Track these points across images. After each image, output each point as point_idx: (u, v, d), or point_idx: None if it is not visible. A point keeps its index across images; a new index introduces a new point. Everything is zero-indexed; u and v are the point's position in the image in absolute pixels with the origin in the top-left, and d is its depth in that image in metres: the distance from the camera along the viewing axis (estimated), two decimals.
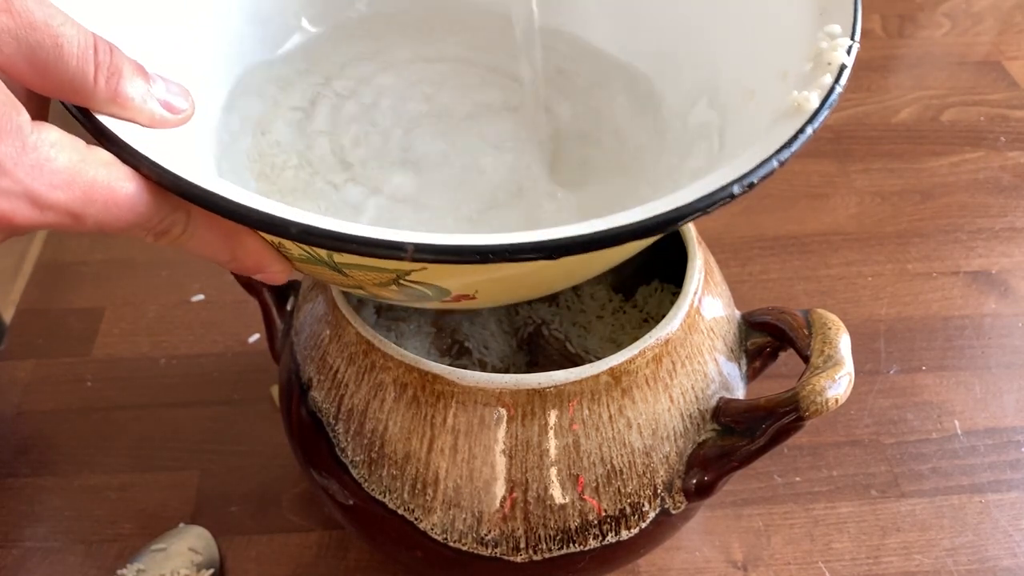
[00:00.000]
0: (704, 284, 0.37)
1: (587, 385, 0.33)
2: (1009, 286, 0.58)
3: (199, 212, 0.26)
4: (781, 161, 0.26)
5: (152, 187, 0.25)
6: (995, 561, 0.44)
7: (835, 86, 0.29)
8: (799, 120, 0.28)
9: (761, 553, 0.45)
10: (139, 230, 0.26)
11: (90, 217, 0.24)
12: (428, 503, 0.34)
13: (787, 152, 0.27)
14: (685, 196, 0.26)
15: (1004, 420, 0.51)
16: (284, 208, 0.24)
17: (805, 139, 0.27)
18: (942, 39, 0.80)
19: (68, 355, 0.54)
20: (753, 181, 0.26)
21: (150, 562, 0.43)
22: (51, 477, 0.48)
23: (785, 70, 0.31)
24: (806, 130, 0.27)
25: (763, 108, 0.31)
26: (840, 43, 0.30)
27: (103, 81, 0.25)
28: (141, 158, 0.25)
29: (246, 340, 0.54)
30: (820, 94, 0.28)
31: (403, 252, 0.23)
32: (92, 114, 0.25)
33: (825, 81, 0.29)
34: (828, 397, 0.31)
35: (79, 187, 0.24)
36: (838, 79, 0.29)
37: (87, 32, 0.24)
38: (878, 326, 0.56)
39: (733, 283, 0.42)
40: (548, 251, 0.24)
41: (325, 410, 0.36)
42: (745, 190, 0.26)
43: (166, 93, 0.28)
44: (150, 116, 0.27)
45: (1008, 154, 0.68)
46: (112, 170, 0.24)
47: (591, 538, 0.34)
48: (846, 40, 0.30)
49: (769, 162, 0.26)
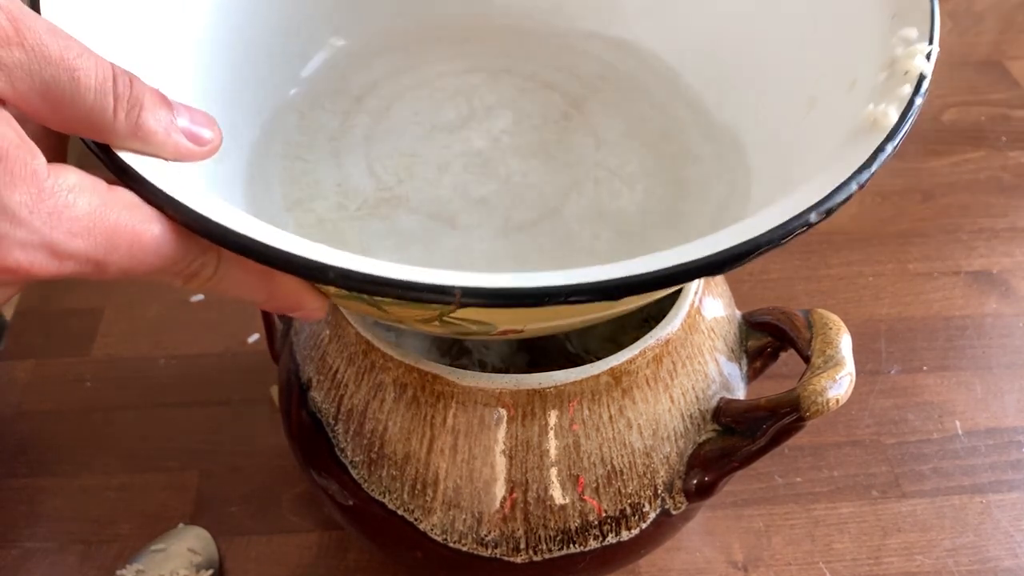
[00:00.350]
0: (704, 284, 0.36)
1: (587, 385, 0.32)
2: (1010, 286, 0.58)
3: (231, 253, 0.24)
4: (861, 184, 0.24)
5: (179, 228, 0.24)
6: (996, 562, 0.44)
7: (915, 98, 0.26)
8: (877, 137, 0.25)
9: (762, 553, 0.45)
10: (167, 275, 0.24)
11: (113, 264, 0.23)
12: (428, 503, 0.33)
13: (866, 173, 0.24)
14: (757, 226, 0.23)
15: (1005, 420, 0.50)
16: (320, 250, 0.22)
17: (885, 159, 0.25)
18: (943, 39, 0.79)
19: (67, 355, 0.54)
20: (831, 207, 0.23)
21: (149, 563, 0.43)
22: (50, 477, 0.48)
23: (853, 78, 0.29)
24: (886, 148, 0.25)
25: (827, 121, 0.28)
26: (918, 48, 0.27)
27: (123, 114, 0.24)
28: (166, 198, 0.23)
29: (245, 340, 0.54)
30: (899, 107, 0.26)
31: (451, 297, 0.22)
32: (113, 151, 0.24)
33: (904, 92, 0.26)
34: (829, 397, 0.31)
35: (101, 233, 0.22)
36: (917, 89, 0.26)
37: (105, 63, 0.23)
38: (879, 326, 0.56)
39: (733, 283, 0.42)
40: (608, 292, 0.22)
41: (325, 410, 0.35)
42: (823, 217, 0.23)
43: (191, 124, 0.26)
44: (175, 149, 0.25)
45: (1009, 154, 0.68)
46: (136, 213, 0.23)
47: (591, 539, 0.34)
48: (924, 45, 0.27)
49: (847, 185, 0.24)
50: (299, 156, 0.35)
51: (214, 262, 0.25)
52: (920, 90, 0.26)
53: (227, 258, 0.25)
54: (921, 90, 0.26)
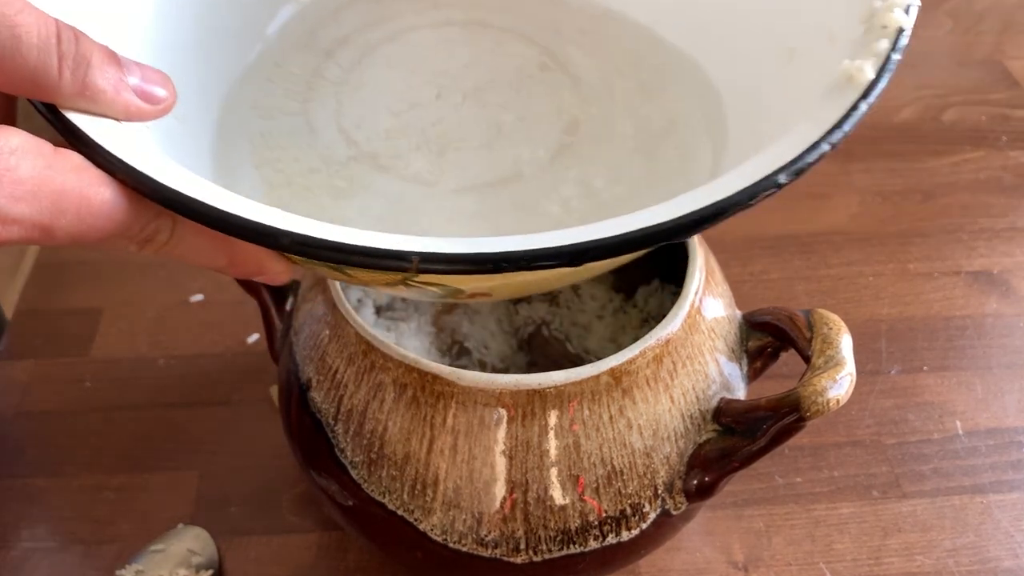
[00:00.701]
0: (705, 284, 0.36)
1: (587, 385, 0.32)
2: (1011, 286, 0.58)
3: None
4: (833, 144, 0.23)
5: (131, 192, 0.23)
6: (996, 562, 0.44)
7: (892, 54, 0.25)
8: (852, 94, 0.24)
9: (762, 554, 0.45)
10: (119, 240, 0.24)
11: (61, 230, 0.22)
12: (428, 504, 0.33)
13: (839, 133, 0.23)
14: (723, 188, 0.22)
15: (1006, 420, 0.50)
16: (277, 216, 0.22)
17: (859, 117, 0.24)
18: (944, 38, 0.80)
19: (67, 355, 0.54)
20: (801, 168, 0.23)
21: (149, 563, 0.43)
22: (50, 477, 0.48)
23: (832, 31, 0.27)
24: (860, 107, 0.24)
25: (805, 74, 0.27)
26: (896, 1, 0.26)
27: (69, 73, 0.23)
28: (115, 161, 0.22)
29: (245, 340, 0.54)
30: (876, 63, 0.25)
31: (408, 264, 0.21)
32: (59, 110, 0.23)
33: (881, 47, 0.25)
34: (829, 397, 0.31)
35: (46, 197, 0.21)
36: (895, 45, 0.25)
37: (49, 19, 0.22)
38: (879, 326, 0.55)
39: (734, 283, 0.42)
40: (568, 257, 0.21)
41: (324, 410, 0.35)
42: (792, 179, 0.23)
43: (142, 82, 0.25)
44: (125, 108, 0.24)
45: (1010, 154, 0.68)
46: (84, 176, 0.22)
47: (591, 539, 0.34)
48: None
49: (819, 146, 0.23)
50: (268, 114, 0.34)
51: (169, 227, 0.24)
52: (898, 45, 0.25)
53: (183, 223, 0.24)
54: (899, 45, 0.25)
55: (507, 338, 0.44)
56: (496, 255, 0.21)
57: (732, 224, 0.66)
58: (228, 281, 0.43)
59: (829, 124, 0.23)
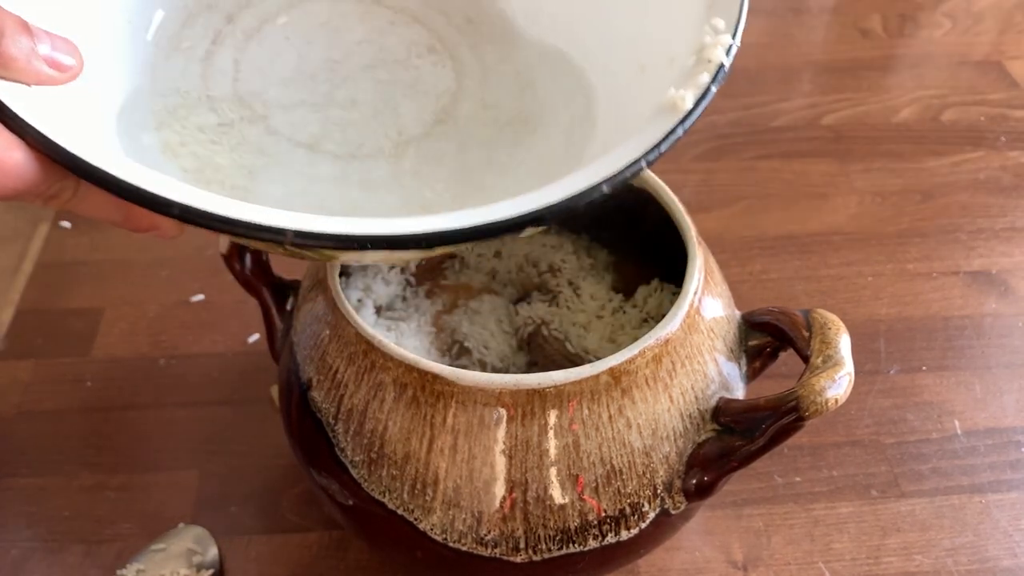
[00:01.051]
0: (704, 284, 0.37)
1: (587, 385, 0.33)
2: (1009, 286, 0.58)
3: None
4: (649, 162, 0.27)
5: (40, 155, 0.25)
6: (995, 561, 0.44)
7: (711, 87, 0.28)
8: (672, 120, 0.28)
9: (761, 553, 0.45)
10: (27, 197, 0.25)
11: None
12: (428, 503, 0.34)
13: (655, 153, 0.27)
14: (557, 192, 0.26)
15: (1004, 420, 0.51)
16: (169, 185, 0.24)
17: (675, 140, 0.27)
18: (942, 39, 0.80)
19: (68, 355, 0.54)
20: (622, 180, 0.27)
21: (150, 562, 0.43)
22: (51, 477, 0.48)
23: (672, 56, 0.31)
24: (677, 131, 0.27)
25: (649, 91, 0.30)
26: (722, 40, 0.30)
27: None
28: (26, 127, 0.24)
29: (246, 340, 0.54)
30: (695, 94, 0.28)
31: (283, 237, 0.25)
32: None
33: (702, 80, 0.28)
34: (828, 397, 0.31)
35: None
36: (715, 78, 0.29)
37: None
38: (878, 326, 0.56)
39: (733, 283, 0.42)
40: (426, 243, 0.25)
41: (325, 410, 0.36)
42: (614, 188, 0.27)
43: (52, 50, 0.27)
44: (36, 76, 0.26)
45: (1008, 154, 0.68)
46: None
47: (591, 538, 0.34)
48: (727, 38, 0.30)
49: (638, 163, 0.27)
50: (169, 77, 0.36)
51: (73, 187, 0.26)
52: (717, 79, 0.28)
53: (86, 184, 0.26)
54: (718, 79, 0.28)
55: (507, 338, 0.44)
56: (362, 237, 0.25)
57: (731, 224, 0.66)
58: (229, 281, 0.43)
59: (649, 144, 0.27)
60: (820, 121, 0.71)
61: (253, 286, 0.42)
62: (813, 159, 0.68)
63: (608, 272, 0.47)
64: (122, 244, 0.61)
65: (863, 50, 0.79)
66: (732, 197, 0.64)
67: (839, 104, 0.73)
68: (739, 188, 0.65)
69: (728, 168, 0.67)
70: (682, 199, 0.40)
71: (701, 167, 0.67)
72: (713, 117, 0.71)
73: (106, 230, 0.62)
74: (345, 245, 0.25)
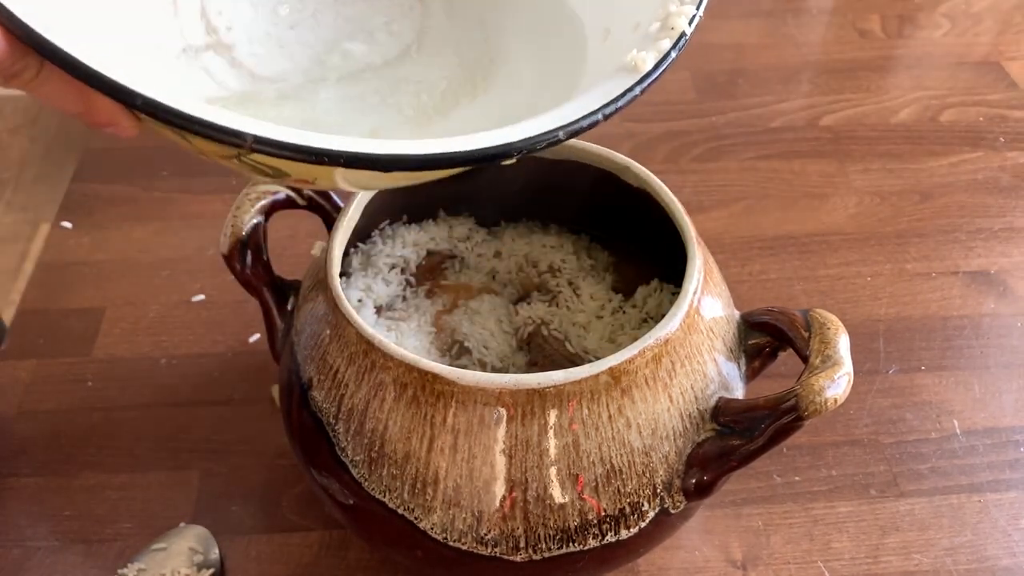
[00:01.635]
0: (703, 284, 0.37)
1: (586, 385, 0.33)
2: (1008, 286, 0.58)
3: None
4: (606, 115, 0.28)
5: (4, 31, 0.25)
6: (994, 561, 0.44)
7: (671, 52, 0.30)
8: (631, 79, 0.29)
9: (760, 552, 0.45)
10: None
11: None
12: (428, 503, 0.34)
13: (612, 107, 0.28)
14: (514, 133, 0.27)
15: (1003, 420, 0.51)
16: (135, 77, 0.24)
17: (632, 98, 0.29)
18: (941, 39, 0.80)
19: (69, 355, 0.54)
20: (579, 130, 0.28)
21: (151, 561, 0.43)
22: (52, 477, 0.48)
23: (637, 21, 0.32)
24: (635, 90, 0.29)
25: (613, 53, 0.31)
26: (686, 10, 0.31)
27: None
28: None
29: (246, 340, 0.54)
30: (656, 57, 0.29)
31: (243, 141, 0.25)
32: None
33: (663, 45, 0.30)
34: (827, 397, 0.31)
35: None
36: (676, 44, 0.30)
37: None
38: (877, 326, 0.56)
39: (732, 283, 0.42)
40: (382, 165, 0.26)
41: (325, 410, 0.36)
42: (570, 135, 0.28)
43: None
44: None
45: (1007, 154, 0.68)
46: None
47: (590, 537, 0.34)
48: (691, 8, 0.31)
49: (595, 115, 0.28)
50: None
51: (36, 67, 0.26)
52: (678, 46, 0.30)
53: (49, 67, 0.26)
54: (679, 46, 0.30)
55: (507, 338, 0.44)
56: (320, 150, 0.25)
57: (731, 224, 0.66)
58: (230, 281, 0.43)
59: (609, 98, 0.28)
60: (819, 121, 0.71)
61: (254, 286, 0.42)
62: (812, 159, 0.68)
63: (608, 272, 0.47)
64: (123, 245, 0.61)
65: (862, 51, 0.79)
66: (731, 197, 0.65)
67: (838, 105, 0.73)
68: (738, 188, 0.65)
69: (727, 168, 0.67)
70: (682, 199, 0.40)
71: (700, 167, 0.67)
72: (712, 118, 0.71)
73: (107, 230, 0.62)
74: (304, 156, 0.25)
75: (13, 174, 0.69)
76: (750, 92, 0.74)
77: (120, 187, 0.65)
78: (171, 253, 0.60)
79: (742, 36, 0.80)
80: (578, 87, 0.34)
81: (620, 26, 0.33)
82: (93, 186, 0.65)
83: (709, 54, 0.78)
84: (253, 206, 0.40)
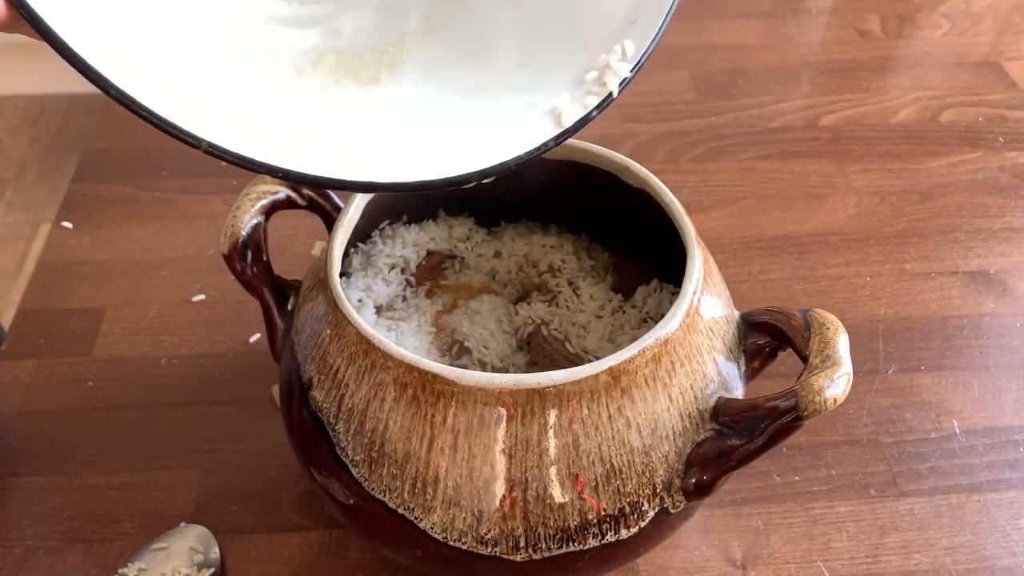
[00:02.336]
0: (703, 284, 0.37)
1: (586, 385, 0.33)
2: (1007, 286, 0.58)
3: None
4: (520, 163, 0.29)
5: None
6: (993, 560, 0.45)
7: (592, 113, 0.29)
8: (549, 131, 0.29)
9: (760, 552, 0.45)
10: None
11: None
12: (428, 502, 0.34)
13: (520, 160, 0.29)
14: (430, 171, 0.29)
15: (1002, 419, 0.51)
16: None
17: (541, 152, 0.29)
18: (941, 40, 0.80)
19: (69, 355, 0.54)
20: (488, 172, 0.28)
21: (151, 561, 0.43)
22: (52, 476, 0.48)
23: (587, 45, 0.31)
24: (548, 144, 0.29)
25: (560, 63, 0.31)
26: (621, 69, 0.30)
27: None
28: None
29: (247, 340, 0.55)
30: (576, 115, 0.29)
31: (198, 143, 0.26)
32: None
33: (588, 102, 0.29)
34: (827, 397, 0.31)
35: None
36: (600, 104, 0.30)
37: None
38: (877, 326, 0.56)
39: (732, 283, 0.42)
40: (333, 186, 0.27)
41: (325, 410, 0.36)
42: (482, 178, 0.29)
43: None
44: None
45: (1006, 154, 0.68)
46: None
47: (590, 537, 0.34)
48: (626, 68, 0.30)
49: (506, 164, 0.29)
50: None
51: None
52: (602, 107, 0.29)
53: None
54: (603, 108, 0.29)
55: (507, 338, 0.44)
56: (268, 167, 0.26)
57: (730, 224, 0.66)
58: (230, 281, 0.43)
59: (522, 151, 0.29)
60: (818, 122, 0.71)
61: (254, 286, 0.42)
62: (812, 159, 0.68)
63: (608, 272, 0.47)
64: (124, 245, 0.61)
65: (861, 51, 0.79)
66: (731, 197, 0.65)
67: (837, 105, 0.73)
68: (738, 188, 0.65)
69: (727, 169, 0.67)
70: (681, 199, 0.40)
71: (700, 168, 0.67)
72: (712, 118, 0.72)
73: (107, 230, 0.62)
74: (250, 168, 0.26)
75: (13, 174, 0.69)
76: (750, 92, 0.74)
77: (120, 187, 0.65)
78: (171, 253, 0.60)
79: (742, 36, 0.80)
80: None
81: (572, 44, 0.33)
82: (93, 186, 0.65)
83: (709, 54, 0.78)
84: (253, 206, 0.40)
